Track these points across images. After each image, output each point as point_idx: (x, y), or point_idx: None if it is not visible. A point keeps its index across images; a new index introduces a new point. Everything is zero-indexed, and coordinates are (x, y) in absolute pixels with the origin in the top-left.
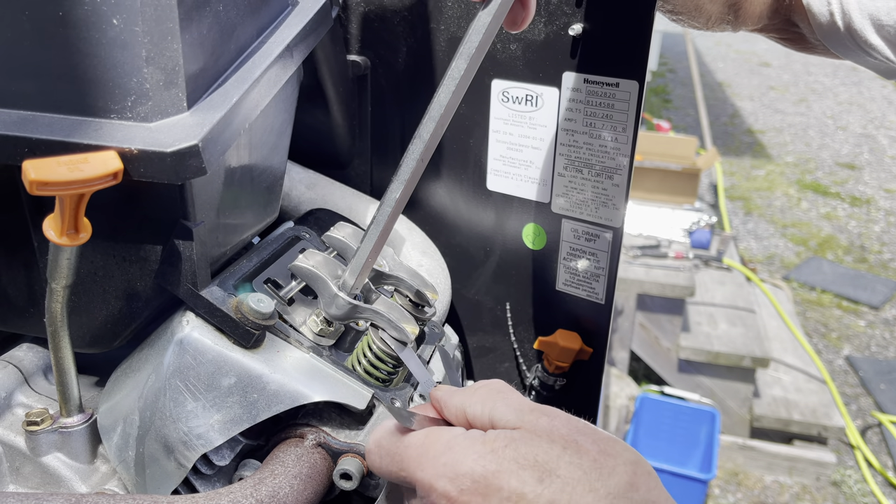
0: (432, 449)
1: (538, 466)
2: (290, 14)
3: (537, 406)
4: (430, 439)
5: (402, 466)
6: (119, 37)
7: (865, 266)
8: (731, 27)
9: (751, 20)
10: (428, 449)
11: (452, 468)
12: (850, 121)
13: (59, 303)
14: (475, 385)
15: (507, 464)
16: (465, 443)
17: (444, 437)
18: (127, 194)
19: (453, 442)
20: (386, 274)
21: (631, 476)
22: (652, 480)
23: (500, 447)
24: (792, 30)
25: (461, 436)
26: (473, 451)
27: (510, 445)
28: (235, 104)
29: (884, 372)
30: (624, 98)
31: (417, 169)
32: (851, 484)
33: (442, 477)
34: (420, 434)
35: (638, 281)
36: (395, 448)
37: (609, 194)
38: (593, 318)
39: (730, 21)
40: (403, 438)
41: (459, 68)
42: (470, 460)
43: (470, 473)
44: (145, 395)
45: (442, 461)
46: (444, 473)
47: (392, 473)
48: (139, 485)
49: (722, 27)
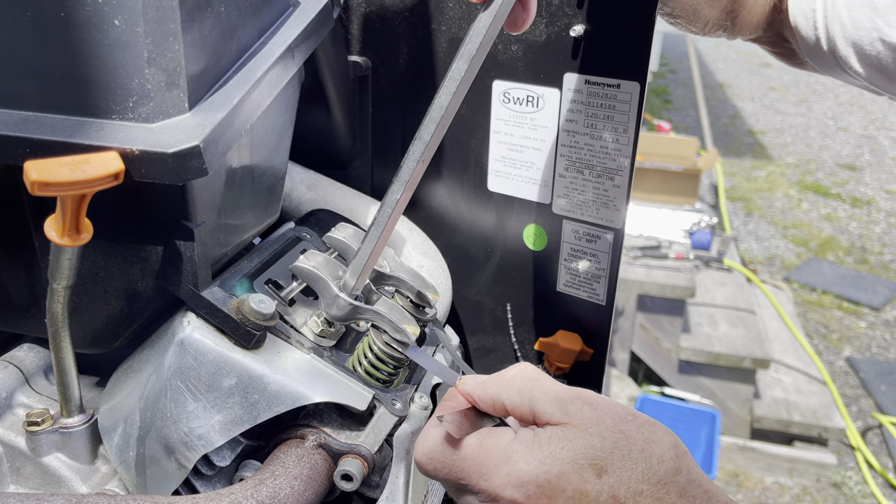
0: (491, 458)
1: (595, 464)
2: (292, 15)
3: (576, 393)
4: (485, 448)
5: (462, 476)
6: (121, 38)
7: (866, 267)
8: (727, 34)
9: (747, 29)
10: (486, 459)
11: (517, 477)
12: (851, 122)
13: (60, 303)
14: (507, 374)
15: (568, 465)
16: (522, 449)
17: (500, 445)
18: (128, 195)
19: (510, 450)
20: (387, 275)
21: (674, 461)
22: (689, 460)
23: (558, 450)
24: (784, 44)
25: (516, 442)
26: (533, 458)
27: (566, 447)
28: (237, 105)
29: (884, 373)
30: (625, 99)
31: (418, 170)
32: (852, 485)
33: (507, 486)
34: (474, 444)
35: (638, 282)
36: (449, 460)
37: (610, 195)
38: (594, 319)
39: (726, 28)
40: (458, 450)
41: (460, 69)
42: (532, 467)
43: (535, 480)
44: (146, 395)
45: (505, 471)
46: (510, 483)
47: (450, 482)
48: (140, 485)
49: (718, 33)
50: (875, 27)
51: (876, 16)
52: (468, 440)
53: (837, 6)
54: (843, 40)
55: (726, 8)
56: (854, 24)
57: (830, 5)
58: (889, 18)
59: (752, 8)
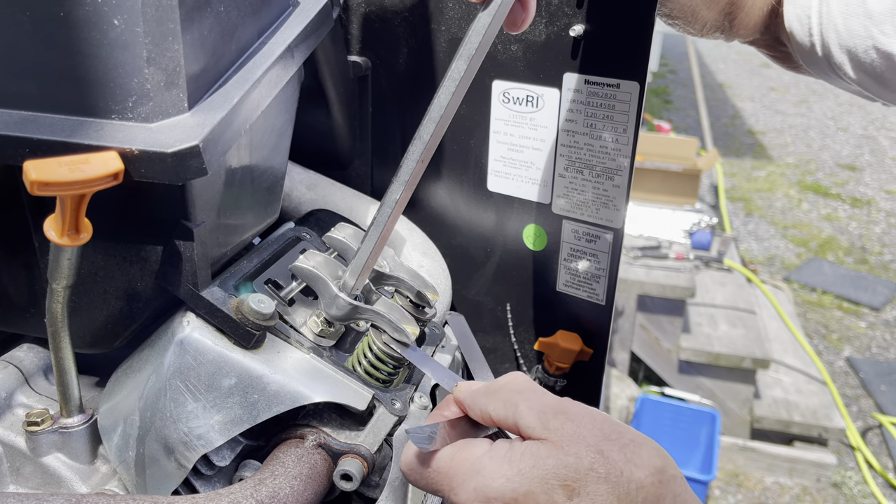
0: (460, 472)
1: (567, 486)
2: (291, 15)
3: (560, 406)
4: (456, 461)
5: (437, 489)
6: (120, 37)
7: (866, 267)
8: (724, 36)
9: (744, 31)
10: (457, 472)
11: (483, 493)
12: (851, 122)
13: (60, 303)
14: (497, 384)
15: (536, 484)
16: (491, 465)
17: (470, 459)
18: (128, 195)
19: (479, 464)
20: (386, 275)
21: (657, 487)
22: (678, 485)
23: (528, 467)
24: (780, 48)
25: (486, 456)
26: (501, 475)
27: (538, 465)
28: (236, 105)
29: (884, 373)
30: (625, 99)
31: (418, 170)
32: (852, 485)
33: (474, 501)
34: (446, 457)
35: (638, 282)
36: (425, 472)
37: (610, 195)
38: (594, 319)
39: (724, 30)
40: (431, 461)
41: (459, 69)
42: (498, 484)
43: (501, 497)
44: (146, 395)
45: (472, 485)
46: (476, 498)
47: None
48: (139, 485)
49: (716, 35)
50: (870, 35)
51: (871, 24)
52: (442, 453)
53: (832, 13)
54: (837, 47)
55: (724, 10)
56: (849, 32)
57: (826, 12)
58: (884, 27)
59: (750, 10)
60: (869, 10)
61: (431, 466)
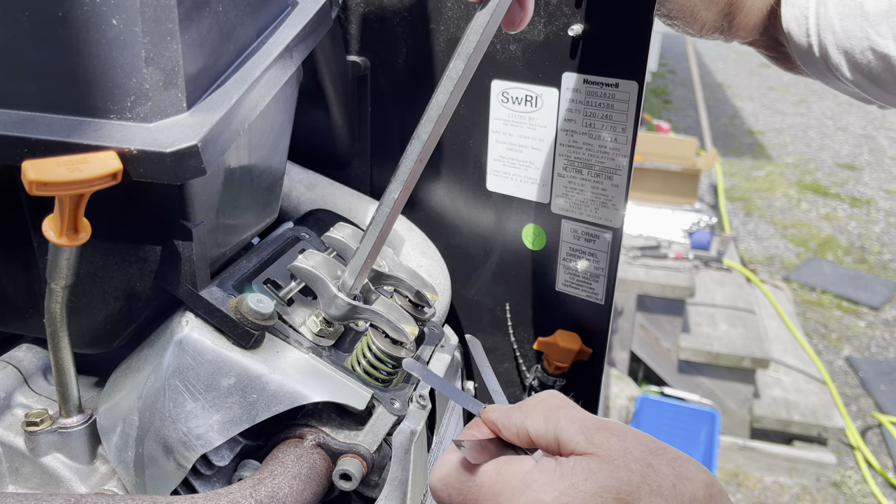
0: (508, 486)
1: (620, 498)
2: (290, 14)
3: (602, 423)
4: (503, 476)
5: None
6: (119, 37)
7: (865, 267)
8: (723, 36)
9: (743, 31)
10: (504, 487)
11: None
12: (850, 121)
13: (59, 303)
14: (532, 401)
15: (590, 498)
16: (542, 478)
17: (519, 473)
18: (126, 195)
19: (529, 478)
20: (385, 274)
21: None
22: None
23: (580, 481)
24: (779, 48)
25: (536, 471)
26: (553, 488)
27: (590, 479)
28: (235, 104)
29: (884, 373)
30: (623, 99)
31: (416, 169)
32: (851, 485)
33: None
34: (491, 471)
35: (638, 281)
36: (465, 486)
37: (609, 195)
38: (593, 319)
39: (723, 30)
40: (474, 476)
41: (457, 69)
42: (551, 498)
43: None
44: (145, 395)
45: (523, 500)
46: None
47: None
48: (138, 485)
49: (714, 36)
50: (866, 36)
51: (867, 25)
52: (486, 467)
53: (830, 14)
54: (834, 48)
55: (723, 10)
56: (846, 33)
57: (823, 13)
58: (880, 28)
59: (749, 11)
60: (866, 11)
61: (475, 481)
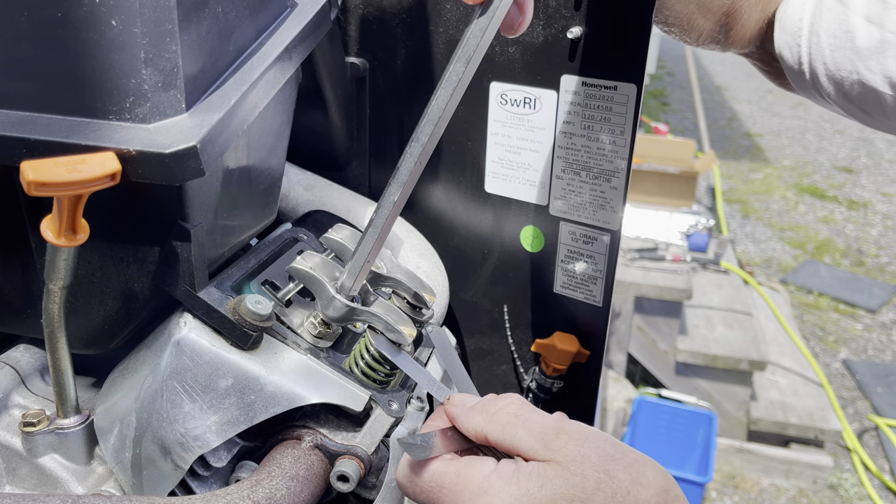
0: (466, 490)
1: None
2: (289, 16)
3: (561, 427)
4: (462, 478)
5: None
6: (118, 38)
7: (862, 269)
8: (720, 47)
9: (739, 43)
10: (462, 490)
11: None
12: (848, 124)
13: (57, 304)
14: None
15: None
16: (499, 484)
17: (478, 477)
18: (125, 195)
19: (486, 483)
20: (384, 276)
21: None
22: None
23: (536, 488)
24: (774, 63)
25: (494, 475)
26: (509, 494)
27: (545, 486)
28: (234, 106)
29: (881, 375)
30: (622, 101)
31: (415, 171)
32: (848, 487)
33: None
34: (451, 472)
35: (635, 284)
36: (427, 486)
37: (607, 197)
38: (591, 321)
39: (719, 41)
40: (435, 476)
41: (457, 72)
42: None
43: None
44: (142, 396)
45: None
46: None
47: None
48: (136, 486)
49: (711, 46)
50: (856, 70)
51: (857, 59)
52: (447, 467)
53: (821, 45)
54: (825, 77)
55: (720, 21)
56: (836, 65)
57: (815, 42)
58: (869, 63)
59: (747, 23)
60: (856, 45)
61: (436, 482)
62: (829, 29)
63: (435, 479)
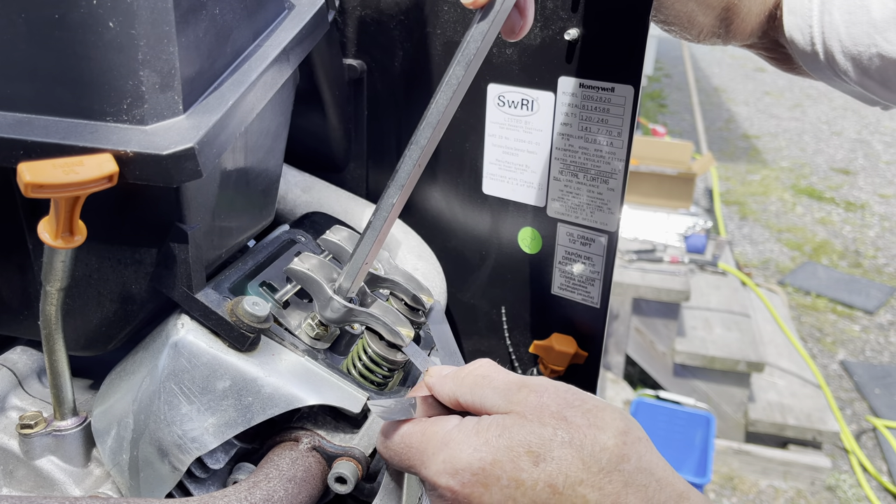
0: (430, 446)
1: (532, 452)
2: (287, 18)
3: (524, 381)
4: (426, 435)
5: (409, 464)
6: (115, 40)
7: (860, 271)
8: (721, 41)
9: (741, 36)
10: (426, 446)
11: (451, 464)
12: (845, 126)
13: (54, 305)
14: (463, 372)
15: (503, 453)
16: (459, 436)
17: (441, 433)
18: (122, 197)
19: (448, 437)
20: (381, 277)
21: (620, 448)
22: (643, 446)
23: (494, 437)
24: (779, 50)
25: (455, 429)
26: (468, 445)
27: (503, 434)
28: (231, 107)
29: (878, 377)
30: (619, 103)
31: (414, 174)
32: (846, 489)
33: (443, 473)
34: (417, 431)
35: (633, 285)
36: (397, 447)
37: (604, 198)
38: (589, 322)
39: (720, 35)
40: (404, 437)
41: (457, 75)
42: (466, 454)
43: (468, 467)
44: (140, 398)
45: (441, 458)
46: (445, 470)
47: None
48: (133, 488)
49: (713, 41)
50: (874, 42)
51: (875, 32)
52: (414, 427)
53: (835, 22)
54: (841, 54)
55: (720, 16)
56: (852, 40)
57: (828, 21)
58: (888, 35)
59: (747, 17)
60: (873, 18)
61: (404, 442)
62: (843, 5)
63: (404, 439)
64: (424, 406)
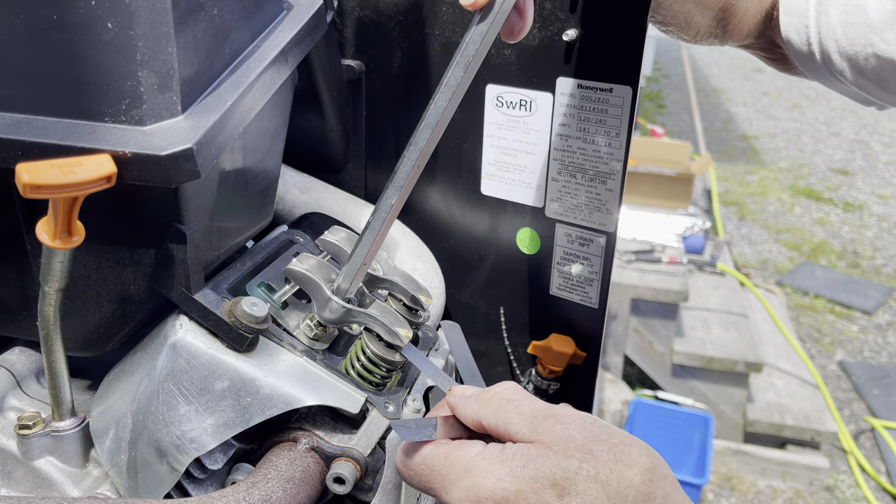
0: (453, 471)
1: (557, 485)
2: (285, 18)
3: (550, 411)
4: (450, 461)
5: (430, 487)
6: (114, 40)
7: (858, 271)
8: (718, 41)
9: (738, 36)
10: (449, 471)
11: (474, 492)
12: (844, 126)
13: (52, 306)
14: (488, 394)
15: (527, 484)
16: (483, 464)
17: (464, 458)
18: (121, 197)
19: (472, 464)
20: (380, 278)
21: (647, 485)
22: (669, 484)
23: (519, 467)
24: (776, 50)
25: (479, 456)
26: (492, 474)
27: (528, 465)
28: (230, 108)
29: (877, 377)
30: (617, 103)
31: (413, 175)
32: (844, 489)
33: (465, 501)
34: (440, 455)
35: (632, 286)
36: (418, 468)
37: (603, 199)
38: (587, 323)
39: (717, 35)
40: (426, 459)
41: (456, 76)
42: (490, 483)
43: (491, 496)
44: (138, 398)
45: (463, 485)
46: (467, 497)
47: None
48: (131, 489)
49: (709, 41)
50: (870, 43)
51: (871, 32)
52: (437, 450)
53: (832, 22)
54: (837, 55)
55: (717, 16)
56: (849, 40)
57: (825, 22)
58: (884, 35)
59: (744, 17)
60: (869, 18)
61: (426, 464)
62: (839, 5)
63: (426, 462)
64: (446, 427)
